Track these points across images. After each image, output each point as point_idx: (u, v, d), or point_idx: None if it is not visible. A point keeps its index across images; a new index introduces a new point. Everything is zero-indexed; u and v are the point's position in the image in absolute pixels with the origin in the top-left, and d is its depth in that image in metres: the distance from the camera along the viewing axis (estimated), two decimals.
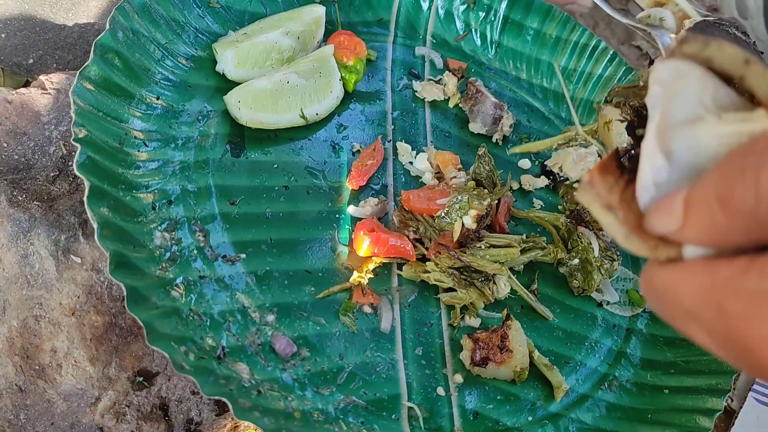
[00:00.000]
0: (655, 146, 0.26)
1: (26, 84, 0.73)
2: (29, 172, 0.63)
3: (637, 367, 0.68)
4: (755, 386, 0.70)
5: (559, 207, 0.72)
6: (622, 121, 0.52)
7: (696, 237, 0.24)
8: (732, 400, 0.70)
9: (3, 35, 0.73)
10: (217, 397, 0.48)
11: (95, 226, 0.51)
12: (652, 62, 0.53)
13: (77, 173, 0.53)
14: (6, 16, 0.73)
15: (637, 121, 0.42)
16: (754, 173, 0.21)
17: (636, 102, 0.48)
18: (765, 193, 0.21)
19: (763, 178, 0.21)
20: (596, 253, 0.67)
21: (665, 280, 0.25)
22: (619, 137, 0.52)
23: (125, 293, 0.49)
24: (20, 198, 0.61)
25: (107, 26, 0.61)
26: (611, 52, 0.86)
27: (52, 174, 0.64)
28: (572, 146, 0.69)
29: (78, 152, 0.54)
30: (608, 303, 0.71)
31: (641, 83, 0.50)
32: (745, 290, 0.22)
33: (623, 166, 0.29)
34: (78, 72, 0.58)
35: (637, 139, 0.35)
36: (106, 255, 0.51)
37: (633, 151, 0.29)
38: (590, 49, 0.86)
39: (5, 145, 0.64)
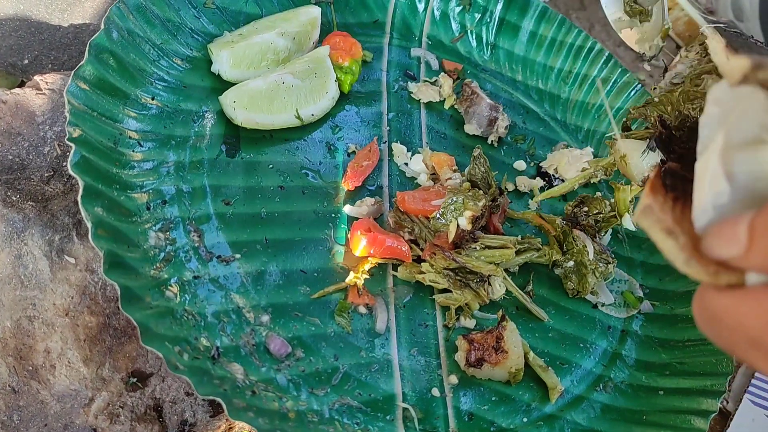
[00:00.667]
0: (719, 169, 0.26)
1: (21, 84, 0.73)
2: (23, 173, 0.63)
3: (632, 369, 0.68)
4: (751, 388, 0.70)
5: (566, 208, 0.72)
6: (647, 138, 0.51)
7: (761, 263, 0.24)
8: (727, 402, 0.70)
9: None
10: (211, 398, 0.47)
11: (89, 225, 0.51)
12: (666, 69, 0.53)
13: (71, 173, 0.52)
14: (1, 17, 0.73)
15: (665, 132, 0.41)
16: None
17: (655, 113, 0.48)
18: None
19: None
20: (591, 256, 0.67)
21: (725, 306, 0.25)
22: (639, 168, 0.51)
23: (119, 293, 0.49)
24: (14, 198, 0.61)
25: (102, 26, 0.61)
26: (606, 54, 0.86)
27: (46, 174, 0.64)
28: (592, 180, 0.69)
29: (72, 152, 0.53)
30: (603, 305, 0.71)
31: (656, 99, 0.49)
32: None
33: (667, 185, 0.29)
34: (73, 72, 0.58)
35: (669, 152, 0.35)
36: (100, 255, 0.51)
37: (668, 166, 0.28)
38: (585, 50, 0.86)
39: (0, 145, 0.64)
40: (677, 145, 0.42)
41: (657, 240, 0.28)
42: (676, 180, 0.28)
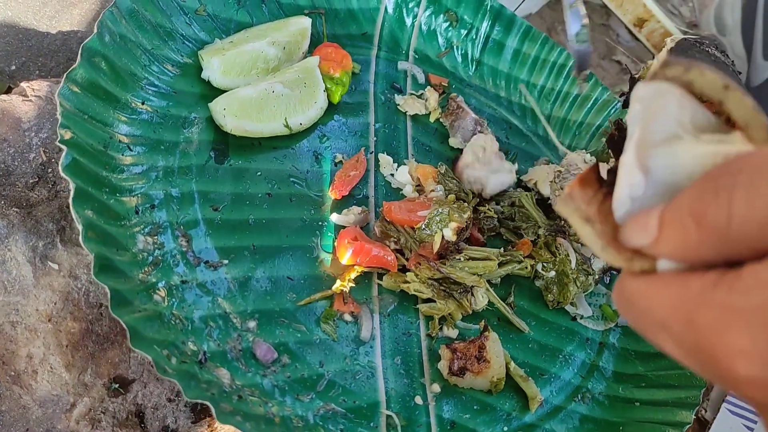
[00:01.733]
0: (634, 162, 0.27)
1: (8, 90, 0.72)
2: (8, 179, 0.63)
3: (609, 380, 0.69)
4: (729, 398, 0.72)
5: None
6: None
7: (669, 252, 0.25)
8: (706, 411, 0.72)
9: None
10: (199, 401, 0.48)
11: (80, 228, 0.51)
12: (633, 78, 0.55)
13: (63, 175, 0.52)
14: None
15: (618, 135, 0.43)
16: (727, 194, 0.22)
17: (618, 118, 0.50)
18: (736, 214, 0.22)
19: (736, 198, 0.22)
20: (573, 265, 0.69)
21: (637, 291, 0.26)
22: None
23: (109, 296, 0.49)
24: None
25: (95, 30, 0.61)
26: (587, 72, 0.88)
27: (31, 181, 0.63)
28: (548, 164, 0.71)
29: (64, 154, 0.53)
30: (582, 317, 0.72)
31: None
32: (714, 303, 0.23)
33: (602, 180, 0.31)
34: (65, 75, 0.58)
35: (618, 154, 0.36)
36: (89, 258, 0.51)
37: (613, 166, 0.30)
38: (567, 69, 0.88)
39: None
40: None
41: (576, 226, 0.29)
42: (613, 177, 0.29)
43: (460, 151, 0.79)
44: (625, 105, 0.49)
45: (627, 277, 0.27)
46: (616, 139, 0.40)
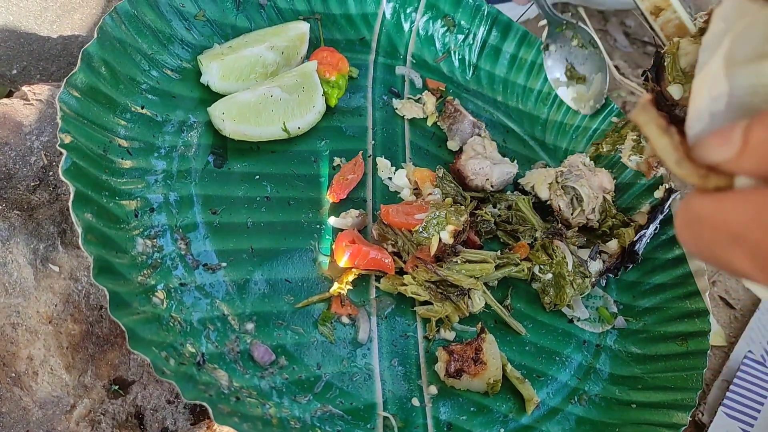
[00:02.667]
0: (721, 71, 0.26)
1: (9, 94, 0.73)
2: (10, 182, 0.63)
3: (605, 382, 0.70)
4: (725, 401, 0.72)
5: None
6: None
7: (753, 166, 0.24)
8: (703, 414, 0.72)
9: None
10: (197, 402, 0.48)
11: (80, 231, 0.52)
12: (658, 53, 0.53)
13: (62, 178, 0.53)
14: None
15: (657, 90, 0.41)
16: None
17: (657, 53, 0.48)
18: None
19: None
20: (570, 267, 0.69)
21: (711, 206, 0.25)
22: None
23: (108, 298, 0.50)
24: (0, 207, 0.61)
25: (95, 35, 0.62)
26: None
27: (32, 184, 0.64)
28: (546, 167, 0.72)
29: (64, 158, 0.54)
30: (579, 319, 0.73)
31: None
32: None
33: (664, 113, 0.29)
34: (65, 79, 0.58)
35: (659, 94, 0.34)
36: (89, 260, 0.51)
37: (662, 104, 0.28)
38: None
39: None
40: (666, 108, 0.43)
41: (652, 137, 0.28)
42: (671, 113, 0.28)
43: (458, 153, 0.79)
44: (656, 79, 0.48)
45: (697, 197, 0.26)
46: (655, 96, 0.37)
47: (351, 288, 0.64)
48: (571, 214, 0.74)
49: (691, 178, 0.27)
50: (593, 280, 0.72)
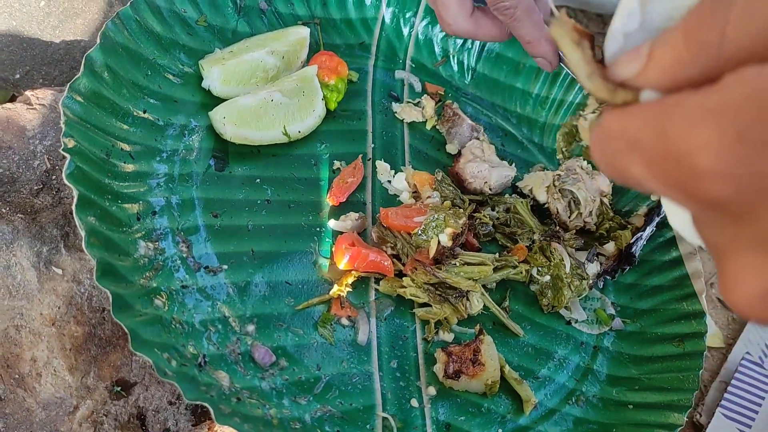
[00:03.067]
0: None
1: (12, 99, 0.74)
2: (13, 185, 0.64)
3: (603, 383, 0.70)
4: (724, 402, 0.73)
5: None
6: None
7: (655, 75, 0.25)
8: (700, 416, 0.73)
9: None
10: (198, 403, 0.49)
11: (83, 234, 0.52)
12: None
13: (66, 182, 0.54)
14: None
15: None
16: (723, 12, 0.22)
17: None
18: (731, 30, 0.22)
19: (732, 13, 0.22)
20: (568, 269, 0.70)
21: (616, 118, 0.26)
22: None
23: (111, 300, 0.51)
24: (4, 210, 0.62)
25: (98, 40, 0.63)
26: None
27: (35, 187, 0.65)
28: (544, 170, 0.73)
29: (67, 162, 0.55)
30: (576, 321, 0.73)
31: None
32: (688, 106, 0.22)
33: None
34: (68, 84, 0.59)
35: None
36: (92, 263, 0.52)
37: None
38: (562, 77, 0.89)
39: None
40: None
41: (565, 50, 0.28)
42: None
43: (457, 156, 0.80)
44: None
45: (607, 112, 0.27)
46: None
47: (350, 290, 0.65)
48: (569, 217, 0.75)
49: (600, 93, 0.28)
50: (591, 282, 0.72)
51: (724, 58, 0.22)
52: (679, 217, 0.29)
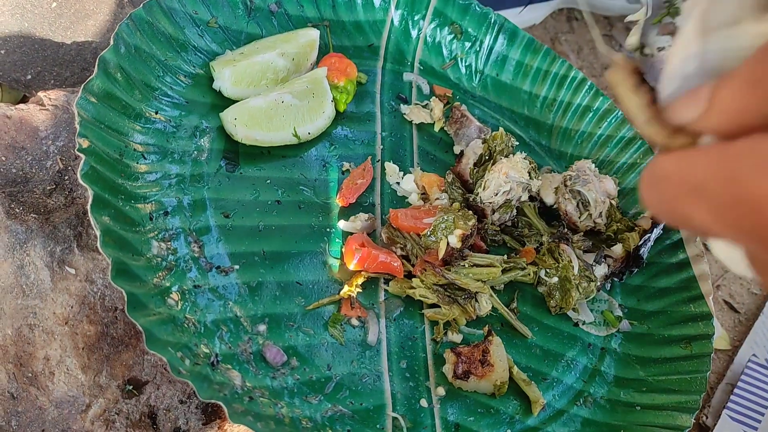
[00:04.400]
0: (692, 35, 0.26)
1: (24, 99, 0.74)
2: (26, 186, 0.65)
3: (610, 385, 0.71)
4: (730, 404, 0.73)
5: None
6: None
7: (717, 122, 0.24)
8: (707, 418, 0.73)
9: (2, 51, 0.75)
10: (212, 401, 0.49)
11: (98, 233, 0.53)
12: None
13: (81, 182, 0.54)
14: (6, 34, 0.75)
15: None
16: None
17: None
18: None
19: None
20: (576, 271, 0.70)
21: (675, 162, 0.25)
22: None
23: (125, 299, 0.51)
24: (17, 210, 0.62)
25: (111, 41, 0.63)
26: (588, 83, 0.90)
27: (48, 187, 0.65)
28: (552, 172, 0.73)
29: (82, 162, 0.55)
30: (584, 323, 0.74)
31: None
32: (761, 151, 0.21)
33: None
34: (82, 85, 0.60)
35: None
36: (105, 263, 0.52)
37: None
38: (569, 80, 0.90)
39: (3, 158, 0.65)
40: None
41: (622, 95, 0.28)
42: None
43: (459, 157, 0.80)
44: None
45: (662, 156, 0.26)
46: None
47: (360, 291, 0.65)
48: (579, 218, 0.75)
49: (658, 138, 0.27)
50: (598, 284, 0.73)
51: None
52: (726, 251, 0.29)
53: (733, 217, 0.23)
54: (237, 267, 0.62)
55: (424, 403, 0.62)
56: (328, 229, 0.68)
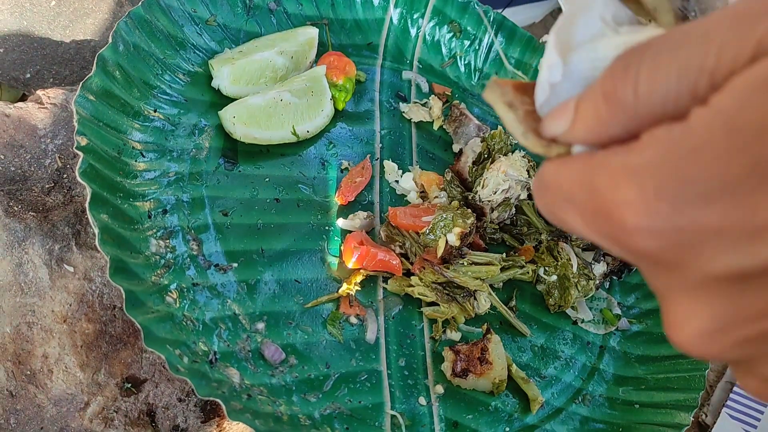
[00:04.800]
0: (553, 47, 0.28)
1: (23, 98, 0.74)
2: (25, 184, 0.65)
3: (609, 383, 0.71)
4: (729, 402, 0.73)
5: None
6: None
7: (581, 134, 0.26)
8: (706, 416, 0.73)
9: (1, 50, 0.75)
10: (210, 399, 0.49)
11: (96, 231, 0.53)
12: None
13: (79, 180, 0.54)
14: (5, 32, 0.75)
15: None
16: (634, 69, 0.23)
17: None
18: (642, 88, 0.23)
19: (642, 72, 0.23)
20: (575, 269, 0.70)
21: (550, 172, 0.27)
22: None
23: (123, 297, 0.51)
24: (16, 208, 0.62)
25: (110, 39, 0.63)
26: None
27: (47, 186, 0.65)
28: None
29: (80, 160, 0.55)
30: (583, 321, 0.74)
31: None
32: (612, 165, 0.23)
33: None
34: (81, 83, 0.60)
35: None
36: (104, 261, 0.52)
37: None
38: None
39: (2, 157, 0.65)
40: None
41: (500, 113, 0.30)
42: None
43: (458, 155, 0.80)
44: None
45: (545, 164, 0.28)
46: None
47: (359, 289, 0.65)
48: None
49: (536, 149, 0.29)
50: (597, 282, 0.73)
51: (641, 116, 0.23)
52: None
53: (596, 225, 0.25)
54: (235, 265, 0.62)
55: (422, 400, 0.62)
56: (326, 228, 0.68)
